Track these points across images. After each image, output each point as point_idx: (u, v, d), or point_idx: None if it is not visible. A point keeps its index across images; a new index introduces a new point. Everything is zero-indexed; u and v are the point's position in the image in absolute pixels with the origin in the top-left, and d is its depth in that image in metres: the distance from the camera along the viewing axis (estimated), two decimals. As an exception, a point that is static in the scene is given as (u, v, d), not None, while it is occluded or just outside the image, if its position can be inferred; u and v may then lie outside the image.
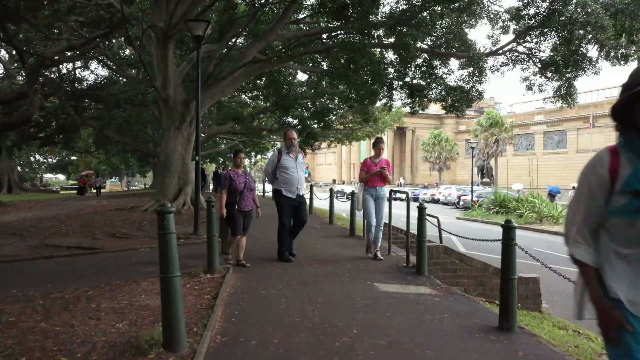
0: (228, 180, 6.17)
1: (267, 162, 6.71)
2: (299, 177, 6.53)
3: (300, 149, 22.33)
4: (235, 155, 6.53)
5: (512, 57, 14.08)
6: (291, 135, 6.61)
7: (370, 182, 6.59)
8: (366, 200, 6.59)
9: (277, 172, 6.49)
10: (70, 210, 16.46)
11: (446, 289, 5.15)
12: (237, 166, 6.36)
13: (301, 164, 6.66)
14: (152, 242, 8.50)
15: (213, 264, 5.53)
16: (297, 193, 6.50)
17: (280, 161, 6.50)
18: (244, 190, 6.15)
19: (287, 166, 6.44)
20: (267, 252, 7.35)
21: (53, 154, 54.61)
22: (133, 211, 13.22)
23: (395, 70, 16.23)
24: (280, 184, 6.49)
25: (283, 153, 6.55)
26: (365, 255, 6.93)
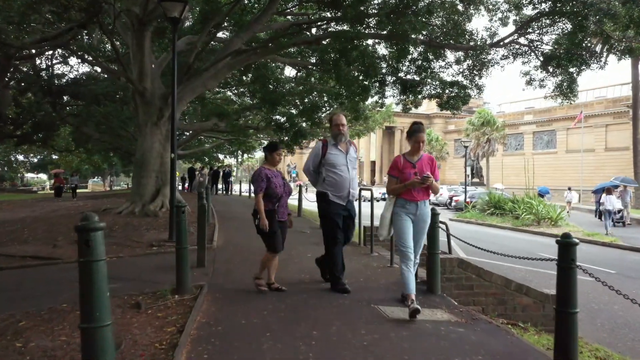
0: (265, 181, 4.68)
1: (309, 156, 5.09)
2: (351, 177, 4.91)
3: (289, 147, 21.27)
4: (272, 149, 4.91)
5: (512, 50, 13.28)
6: (339, 120, 4.93)
7: (405, 193, 4.28)
8: (399, 218, 4.29)
9: (322, 170, 4.93)
10: (42, 212, 15.35)
11: (466, 313, 4.25)
12: (273, 164, 4.93)
13: (353, 159, 4.98)
14: (120, 251, 7.54)
15: (183, 282, 4.56)
16: (347, 199, 4.91)
17: (325, 155, 4.88)
18: (282, 196, 4.81)
19: (334, 162, 4.84)
20: (249, 264, 6.39)
21: (33, 152, 52.99)
22: (106, 214, 12.12)
23: (388, 65, 15.38)
24: (326, 186, 4.90)
25: (329, 144, 4.92)
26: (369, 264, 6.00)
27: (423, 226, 4.39)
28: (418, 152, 4.34)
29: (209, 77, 12.99)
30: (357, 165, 5.19)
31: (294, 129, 20.26)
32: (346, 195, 4.87)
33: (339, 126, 4.89)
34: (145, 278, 5.54)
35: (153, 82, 12.53)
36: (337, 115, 4.95)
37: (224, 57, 12.75)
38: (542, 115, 49.64)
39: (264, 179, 4.67)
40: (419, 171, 4.22)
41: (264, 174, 4.70)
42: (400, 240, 4.26)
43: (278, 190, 4.73)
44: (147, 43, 12.14)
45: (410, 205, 4.27)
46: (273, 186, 4.68)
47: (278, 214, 4.76)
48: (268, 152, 4.90)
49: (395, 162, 4.43)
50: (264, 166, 4.85)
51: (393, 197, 4.37)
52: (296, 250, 7.52)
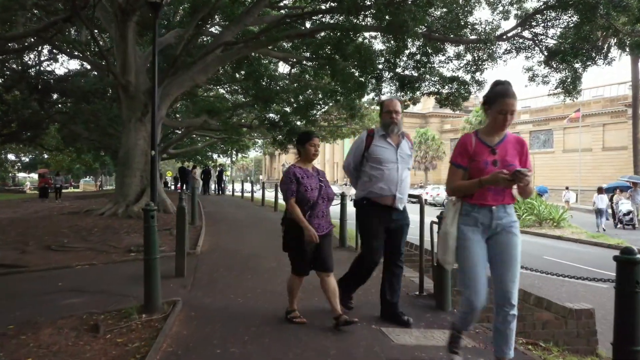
0: (294, 183, 3.60)
1: (349, 150, 4.05)
2: (401, 178, 3.78)
3: (282, 145, 20.72)
4: (305, 140, 3.73)
5: (516, 44, 12.69)
6: (391, 105, 3.83)
7: (478, 195, 2.72)
8: (465, 238, 2.72)
9: (365, 167, 3.86)
10: (24, 213, 14.64)
11: (484, 335, 3.62)
12: (307, 160, 3.75)
13: (407, 157, 3.85)
14: (94, 257, 6.86)
15: (152, 299, 3.90)
16: (394, 206, 3.79)
17: (369, 149, 3.81)
18: (318, 202, 3.61)
19: (381, 158, 3.76)
20: (236, 272, 5.74)
21: (23, 152, 52.08)
22: (87, 215, 11.44)
23: (386, 61, 14.78)
24: (367, 187, 3.83)
25: (376, 136, 3.84)
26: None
27: (506, 248, 2.65)
28: (502, 129, 2.69)
29: (197, 71, 12.33)
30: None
31: (287, 127, 19.64)
32: (390, 200, 3.76)
33: (391, 113, 3.79)
34: (114, 291, 4.88)
35: (138, 76, 11.85)
36: (389, 101, 3.87)
37: (213, 49, 12.09)
38: (538, 114, 49.31)
39: (292, 180, 3.58)
40: (500, 160, 2.67)
41: (292, 173, 3.61)
42: (465, 276, 2.68)
43: (309, 195, 3.56)
44: (130, 34, 11.46)
45: (481, 213, 2.67)
46: (303, 189, 3.57)
47: (312, 225, 3.56)
48: (300, 145, 3.72)
49: (462, 144, 2.77)
50: (295, 164, 3.74)
51: (458, 201, 2.79)
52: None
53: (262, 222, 11.68)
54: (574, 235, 15.46)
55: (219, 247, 7.70)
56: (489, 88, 2.81)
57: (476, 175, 2.69)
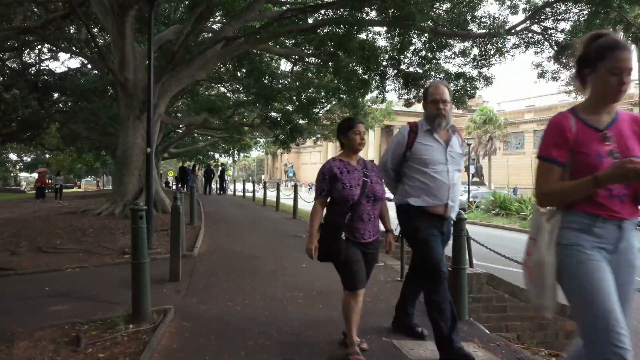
0: (327, 180, 2.97)
1: (387, 147, 3.37)
2: (451, 183, 3.07)
3: (284, 145, 20.45)
4: (347, 128, 3.06)
5: (525, 38, 12.32)
6: (437, 92, 3.09)
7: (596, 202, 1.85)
8: (584, 259, 1.82)
9: (406, 168, 3.14)
10: (21, 213, 14.41)
11: (505, 349, 3.28)
12: (352, 151, 3.06)
13: (458, 156, 3.16)
14: (87, 259, 6.54)
15: (141, 308, 3.56)
16: (446, 213, 3.09)
17: (413, 147, 3.10)
18: (360, 202, 2.91)
19: (426, 158, 3.06)
20: (234, 276, 5.41)
21: (24, 152, 51.98)
22: (83, 215, 11.13)
23: (390, 57, 14.44)
24: (410, 194, 3.10)
25: (420, 130, 3.13)
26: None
27: (628, 277, 1.90)
28: (615, 99, 1.89)
29: (197, 67, 12.01)
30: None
31: (289, 125, 19.31)
32: (441, 209, 3.04)
33: (437, 103, 3.03)
34: (102, 296, 4.55)
35: (136, 73, 11.53)
36: (435, 87, 3.11)
37: (213, 44, 11.79)
38: (543, 113, 48.88)
39: (325, 178, 2.95)
40: (620, 148, 1.86)
41: (328, 168, 2.97)
42: (591, 309, 1.75)
43: (348, 193, 2.87)
44: (128, 30, 11.14)
45: (606, 229, 1.85)
46: (340, 186, 2.89)
47: (354, 230, 2.90)
48: (342, 135, 3.05)
49: (556, 128, 1.93)
50: (335, 157, 3.09)
51: (556, 212, 1.93)
52: (289, 258, 6.54)
53: (263, 223, 11.35)
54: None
55: (218, 248, 7.37)
56: (580, 45, 1.98)
57: (582, 174, 1.83)
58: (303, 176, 79.84)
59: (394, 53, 14.00)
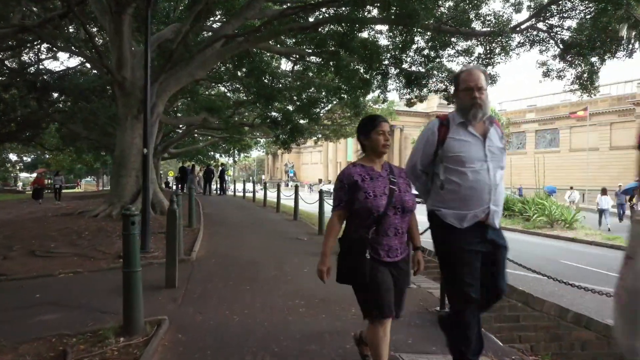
0: (346, 189, 2.54)
1: (415, 146, 2.85)
2: (492, 184, 2.59)
3: (284, 145, 20.25)
4: (371, 127, 2.60)
5: (530, 36, 12.09)
6: (472, 79, 2.58)
7: None
8: None
9: (439, 169, 2.66)
10: (18, 214, 14.20)
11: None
12: (376, 153, 2.62)
13: (498, 151, 2.64)
14: (81, 264, 6.33)
15: (133, 319, 3.35)
16: (487, 224, 2.59)
17: (445, 144, 2.63)
18: (387, 214, 2.49)
19: (462, 155, 2.58)
20: (233, 283, 5.20)
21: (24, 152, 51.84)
22: (80, 217, 10.91)
23: (391, 56, 14.23)
24: (444, 199, 2.63)
25: (452, 125, 2.65)
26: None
27: None
28: None
29: (196, 66, 11.80)
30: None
31: (290, 125, 19.10)
32: (482, 215, 2.54)
33: (472, 91, 2.54)
34: (95, 305, 4.34)
35: (134, 72, 11.31)
36: (468, 73, 2.60)
37: (212, 42, 11.58)
38: (544, 113, 48.71)
39: (344, 186, 2.51)
40: None
41: (348, 175, 2.52)
42: None
43: (372, 204, 2.44)
44: (126, 28, 10.93)
45: None
46: (362, 196, 2.46)
47: (379, 248, 2.47)
48: (363, 136, 2.61)
49: None
50: (356, 162, 2.67)
51: None
52: (290, 263, 6.32)
53: (263, 224, 11.13)
54: (588, 237, 14.85)
55: (217, 252, 7.16)
56: None
57: None
58: (303, 176, 79.69)
59: (396, 52, 13.79)
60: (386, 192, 2.50)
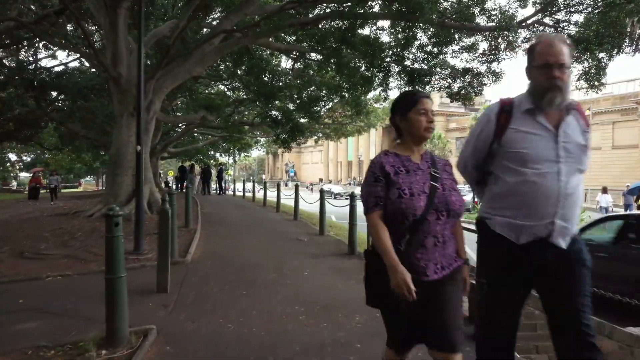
0: (380, 183, 1.96)
1: (467, 139, 2.26)
2: (566, 190, 1.95)
3: (285, 144, 19.95)
4: (411, 103, 2.03)
5: (536, 32, 11.79)
6: (551, 53, 1.94)
7: None
8: None
9: (496, 167, 2.09)
10: (13, 214, 13.94)
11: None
12: (415, 139, 2.05)
13: (578, 149, 2.01)
14: (71, 266, 6.05)
15: (117, 329, 3.06)
16: (551, 237, 1.95)
17: (504, 136, 2.03)
18: (426, 218, 1.91)
19: (525, 153, 1.97)
20: (230, 287, 4.91)
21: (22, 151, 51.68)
22: (75, 217, 10.66)
23: (393, 53, 13.95)
24: (497, 204, 2.06)
25: (516, 111, 2.04)
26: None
27: None
28: None
29: (194, 62, 11.52)
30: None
31: (290, 124, 18.83)
32: (543, 231, 1.95)
33: (550, 69, 1.95)
34: (80, 311, 4.06)
35: (130, 69, 11.04)
36: (547, 44, 1.99)
37: (210, 38, 11.31)
38: (547, 112, 48.55)
39: (378, 178, 1.97)
40: None
41: (379, 165, 1.99)
42: None
43: (407, 204, 1.91)
44: (121, 24, 10.68)
45: None
46: (395, 194, 1.93)
47: (412, 263, 1.91)
48: (399, 115, 2.06)
49: None
50: (388, 150, 2.10)
51: None
52: (290, 265, 6.03)
53: (263, 225, 10.85)
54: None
55: (213, 253, 6.87)
56: None
57: None
58: (304, 176, 79.45)
59: (398, 49, 13.51)
60: (426, 189, 1.93)
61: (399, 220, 1.89)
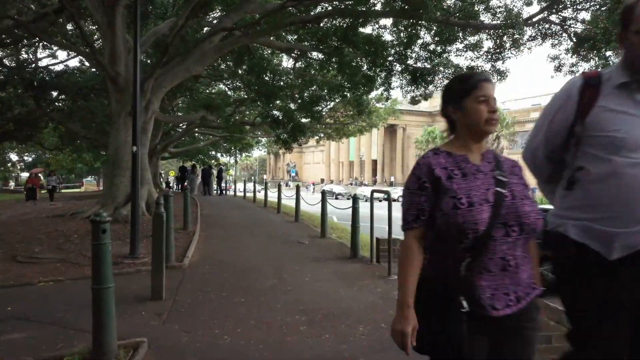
0: (425, 191, 1.52)
1: (538, 123, 1.79)
2: None
3: (286, 144, 19.71)
4: (469, 87, 1.55)
5: (542, 30, 11.57)
6: None
7: None
8: None
9: (577, 157, 1.62)
10: (10, 215, 13.77)
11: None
12: (474, 134, 1.58)
13: None
14: (64, 270, 5.86)
15: (104, 343, 2.85)
16: None
17: (590, 115, 1.59)
18: (491, 235, 1.43)
19: (619, 137, 1.52)
20: (228, 294, 4.70)
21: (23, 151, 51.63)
22: (72, 219, 10.46)
23: (396, 52, 13.75)
24: (579, 206, 1.59)
25: (605, 87, 1.60)
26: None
27: None
28: None
29: (193, 60, 11.31)
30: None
31: (291, 123, 18.63)
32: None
33: None
34: (69, 320, 3.86)
35: (128, 67, 10.84)
36: None
37: (210, 36, 11.12)
38: (549, 112, 48.38)
39: (422, 186, 1.53)
40: None
41: (427, 168, 1.54)
42: None
43: (466, 217, 1.44)
44: (119, 21, 10.49)
45: None
46: (449, 204, 1.47)
47: (480, 292, 1.44)
48: (454, 104, 1.60)
49: None
50: (438, 148, 1.64)
51: None
52: (290, 270, 5.82)
53: (263, 226, 10.63)
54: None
55: (211, 257, 6.66)
56: None
57: None
58: (305, 176, 79.25)
59: (401, 48, 13.31)
60: (490, 198, 1.47)
61: (455, 238, 1.44)
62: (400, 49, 13.42)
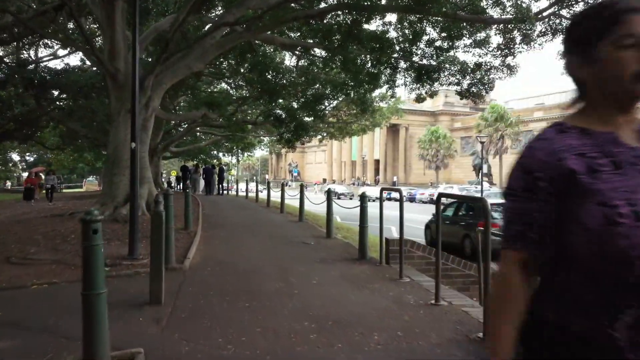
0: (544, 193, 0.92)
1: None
2: None
3: (289, 143, 19.48)
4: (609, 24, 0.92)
5: (552, 25, 11.28)
6: None
7: None
8: None
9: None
10: (8, 215, 13.54)
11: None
12: (618, 102, 0.95)
13: None
14: (59, 272, 5.61)
15: (96, 354, 2.59)
16: None
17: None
18: None
19: None
20: (231, 298, 4.43)
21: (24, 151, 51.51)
22: (70, 219, 10.21)
23: (401, 49, 13.49)
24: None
25: None
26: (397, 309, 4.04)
27: None
28: None
29: (194, 57, 11.06)
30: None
31: (294, 122, 18.38)
32: None
33: None
34: (60, 327, 3.61)
35: (127, 64, 10.60)
36: None
37: (211, 32, 10.87)
38: (552, 111, 47.93)
39: (536, 186, 0.93)
40: None
41: (544, 157, 0.93)
42: None
43: (632, 239, 0.84)
44: (118, 17, 10.24)
45: None
46: (595, 213, 0.87)
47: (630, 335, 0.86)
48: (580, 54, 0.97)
49: None
50: (565, 122, 0.99)
51: None
52: (296, 272, 5.55)
53: (266, 226, 10.37)
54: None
55: (213, 259, 6.40)
56: None
57: None
58: (307, 176, 78.98)
59: (406, 44, 13.05)
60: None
61: (610, 270, 0.88)
62: (406, 46, 13.16)
